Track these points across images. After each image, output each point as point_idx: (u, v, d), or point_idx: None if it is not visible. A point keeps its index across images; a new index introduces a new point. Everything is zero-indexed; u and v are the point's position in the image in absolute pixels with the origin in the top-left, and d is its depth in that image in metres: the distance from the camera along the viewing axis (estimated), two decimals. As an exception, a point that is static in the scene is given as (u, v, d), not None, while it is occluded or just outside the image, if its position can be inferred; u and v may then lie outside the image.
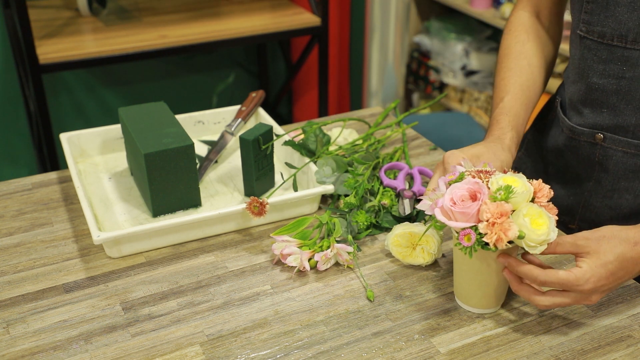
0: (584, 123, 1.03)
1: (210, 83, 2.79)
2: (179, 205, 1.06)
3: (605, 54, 0.97)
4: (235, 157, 1.23)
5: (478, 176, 0.82)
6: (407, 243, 0.95)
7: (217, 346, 0.83)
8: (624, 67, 0.95)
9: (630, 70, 0.95)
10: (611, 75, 0.97)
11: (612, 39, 0.95)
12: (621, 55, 0.95)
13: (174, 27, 2.15)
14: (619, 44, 0.95)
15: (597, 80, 0.99)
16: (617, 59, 0.96)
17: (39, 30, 2.07)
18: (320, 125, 1.19)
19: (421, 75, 2.98)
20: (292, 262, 0.94)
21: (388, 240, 0.96)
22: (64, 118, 2.55)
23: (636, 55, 0.94)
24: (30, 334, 0.85)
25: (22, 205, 1.10)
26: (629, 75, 0.95)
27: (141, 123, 1.08)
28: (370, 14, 2.95)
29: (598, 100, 1.00)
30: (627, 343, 0.84)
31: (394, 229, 0.96)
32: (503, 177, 0.81)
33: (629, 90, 0.96)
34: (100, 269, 0.96)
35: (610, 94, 0.98)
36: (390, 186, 1.08)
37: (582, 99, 1.03)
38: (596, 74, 0.99)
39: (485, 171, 0.83)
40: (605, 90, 0.98)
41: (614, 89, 0.97)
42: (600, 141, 1.01)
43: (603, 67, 0.98)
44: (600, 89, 0.99)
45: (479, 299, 0.87)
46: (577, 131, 1.04)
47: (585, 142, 1.04)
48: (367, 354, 0.82)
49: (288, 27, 2.24)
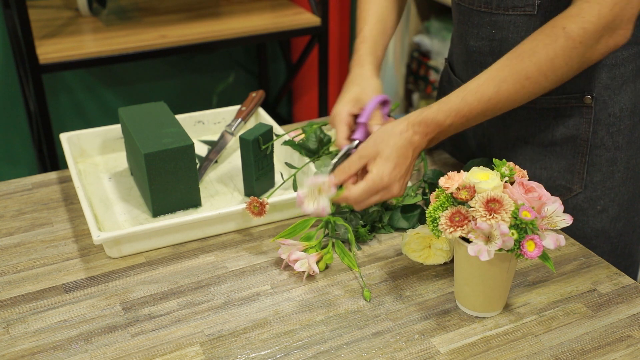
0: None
1: (210, 83, 2.79)
2: (179, 205, 1.06)
3: (477, 19, 1.05)
4: (235, 157, 1.23)
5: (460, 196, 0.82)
6: (421, 245, 0.96)
7: (217, 346, 0.83)
8: (493, 30, 1.04)
9: (499, 33, 1.04)
10: (484, 38, 1.06)
11: (479, 6, 1.04)
12: (489, 20, 1.04)
13: (174, 27, 2.15)
14: (486, 9, 1.03)
15: (474, 43, 1.08)
16: (486, 23, 1.04)
17: (39, 30, 2.07)
18: (320, 125, 1.19)
19: (421, 75, 2.98)
20: (300, 268, 0.93)
21: (403, 250, 0.98)
22: (64, 118, 2.55)
23: (501, 19, 1.02)
24: (30, 334, 0.85)
25: (22, 205, 1.10)
26: (499, 37, 1.04)
27: (141, 123, 1.08)
28: (370, 14, 2.95)
29: (477, 61, 1.09)
30: (627, 343, 0.84)
31: (403, 237, 0.97)
32: (476, 173, 0.83)
33: (501, 50, 1.04)
34: (100, 269, 0.96)
35: (485, 55, 1.07)
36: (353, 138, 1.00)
37: (464, 61, 1.12)
38: (472, 37, 1.08)
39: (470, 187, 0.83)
40: (482, 52, 1.07)
41: (488, 51, 1.06)
42: None
43: (477, 30, 1.06)
44: (477, 51, 1.08)
45: (480, 302, 0.87)
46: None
47: None
48: (367, 354, 0.82)
49: (288, 27, 2.24)
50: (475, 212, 0.79)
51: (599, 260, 0.98)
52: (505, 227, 0.77)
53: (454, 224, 0.80)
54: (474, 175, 0.83)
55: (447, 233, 0.81)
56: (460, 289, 0.89)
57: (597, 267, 0.97)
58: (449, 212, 0.81)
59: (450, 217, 0.81)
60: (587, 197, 1.07)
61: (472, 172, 0.83)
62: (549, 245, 0.78)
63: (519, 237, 0.78)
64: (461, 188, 0.82)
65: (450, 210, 0.81)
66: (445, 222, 0.81)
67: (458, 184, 0.82)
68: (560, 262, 0.98)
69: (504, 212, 0.78)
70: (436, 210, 0.82)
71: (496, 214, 0.78)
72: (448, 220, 0.81)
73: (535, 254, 0.77)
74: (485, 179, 0.82)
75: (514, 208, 0.78)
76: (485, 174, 0.82)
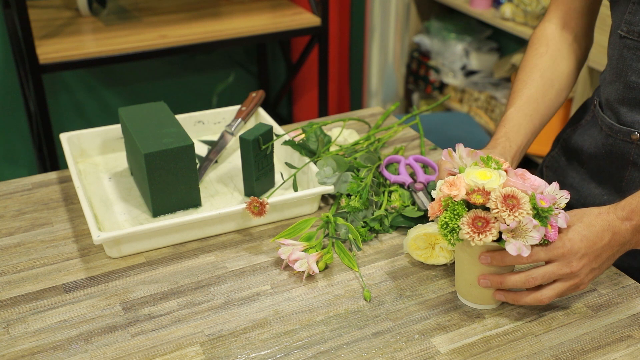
0: (622, 121, 1.04)
1: (210, 83, 2.79)
2: (179, 205, 1.06)
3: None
4: (235, 157, 1.23)
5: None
6: (425, 244, 0.95)
7: (217, 346, 0.83)
8: None
9: None
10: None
11: None
12: None
13: (174, 27, 2.15)
14: None
15: (636, 79, 0.99)
16: None
17: (39, 30, 2.07)
18: (320, 125, 1.19)
19: (421, 75, 2.99)
20: (300, 268, 0.94)
21: (406, 246, 0.97)
22: (64, 118, 2.55)
23: None
24: (30, 334, 0.85)
25: (22, 205, 1.10)
26: None
27: (141, 123, 1.08)
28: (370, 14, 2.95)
29: (636, 99, 1.00)
30: (627, 343, 0.84)
31: (409, 234, 0.96)
32: (476, 171, 0.83)
33: None
34: (100, 269, 0.96)
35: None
36: (398, 182, 1.08)
37: (619, 98, 1.03)
38: (635, 72, 0.99)
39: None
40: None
41: None
42: (636, 140, 1.02)
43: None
44: (639, 88, 0.99)
45: (480, 294, 0.88)
46: (615, 129, 1.04)
47: (621, 140, 1.04)
48: (367, 354, 0.82)
49: (288, 27, 2.24)
50: (499, 213, 0.78)
51: (599, 260, 0.98)
52: (534, 220, 0.78)
53: (479, 230, 0.79)
54: (474, 176, 0.82)
55: (477, 240, 0.79)
56: (460, 280, 0.89)
57: (597, 267, 0.97)
58: (469, 219, 0.80)
59: (472, 224, 0.79)
60: None
61: (468, 173, 0.83)
62: (562, 225, 0.81)
63: (543, 224, 0.79)
64: (470, 192, 0.81)
65: (467, 217, 0.80)
66: (469, 230, 0.79)
67: (466, 189, 0.82)
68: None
69: (524, 206, 0.78)
70: (453, 220, 0.81)
71: (519, 209, 0.78)
72: (471, 227, 0.79)
73: (556, 235, 0.81)
74: (488, 178, 0.82)
75: (530, 199, 0.79)
76: (482, 173, 0.82)
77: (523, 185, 0.81)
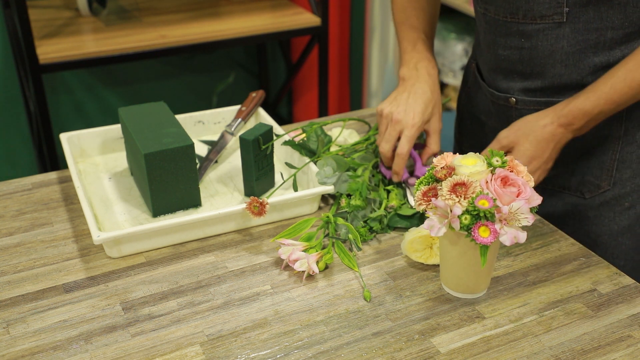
0: (500, 88, 1.13)
1: (210, 83, 2.79)
2: (179, 205, 1.06)
3: (504, 29, 1.06)
4: (235, 157, 1.23)
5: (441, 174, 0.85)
6: (423, 245, 0.96)
7: (217, 346, 0.83)
8: (522, 39, 1.05)
9: (527, 42, 1.05)
10: (513, 47, 1.07)
11: (506, 17, 1.05)
12: (517, 29, 1.05)
13: (174, 27, 2.15)
14: (513, 20, 1.04)
15: (502, 52, 1.09)
16: (514, 32, 1.05)
17: (39, 30, 2.07)
18: (320, 125, 1.19)
19: (421, 75, 2.98)
20: (300, 268, 0.94)
21: (404, 250, 0.97)
22: (64, 118, 2.55)
23: (530, 28, 1.03)
24: (30, 334, 0.85)
25: (22, 205, 1.10)
26: (528, 45, 1.05)
27: (141, 123, 1.08)
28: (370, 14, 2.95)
29: (507, 69, 1.10)
30: (627, 343, 0.84)
31: (405, 237, 0.97)
32: (462, 158, 0.85)
33: (531, 58, 1.06)
34: (100, 269, 0.96)
35: (515, 62, 1.08)
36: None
37: (493, 68, 1.13)
38: (500, 46, 1.09)
39: (447, 167, 0.85)
40: (511, 60, 1.08)
41: (518, 59, 1.07)
42: (513, 104, 1.11)
43: (505, 40, 1.07)
44: (507, 59, 1.09)
45: (463, 284, 0.89)
46: (495, 95, 1.14)
47: (502, 105, 1.13)
48: (367, 354, 0.82)
49: (288, 27, 2.24)
50: (440, 191, 0.82)
51: (599, 260, 0.98)
52: (458, 209, 0.80)
53: (425, 198, 0.84)
54: (463, 159, 0.85)
55: (416, 205, 0.84)
56: (445, 270, 0.91)
57: (597, 267, 0.97)
58: (426, 188, 0.85)
59: (424, 192, 0.85)
60: (616, 194, 1.09)
61: (465, 156, 0.86)
62: (505, 242, 0.80)
63: (471, 222, 0.80)
64: (444, 168, 0.84)
65: (427, 186, 0.85)
66: (419, 195, 0.85)
67: (445, 164, 0.86)
68: (560, 262, 0.98)
69: (463, 197, 0.80)
70: (420, 184, 0.86)
71: (457, 196, 0.80)
72: (422, 194, 0.85)
73: (487, 240, 0.79)
74: (471, 164, 0.84)
75: (475, 195, 0.80)
76: (474, 160, 0.84)
77: (494, 187, 0.81)
